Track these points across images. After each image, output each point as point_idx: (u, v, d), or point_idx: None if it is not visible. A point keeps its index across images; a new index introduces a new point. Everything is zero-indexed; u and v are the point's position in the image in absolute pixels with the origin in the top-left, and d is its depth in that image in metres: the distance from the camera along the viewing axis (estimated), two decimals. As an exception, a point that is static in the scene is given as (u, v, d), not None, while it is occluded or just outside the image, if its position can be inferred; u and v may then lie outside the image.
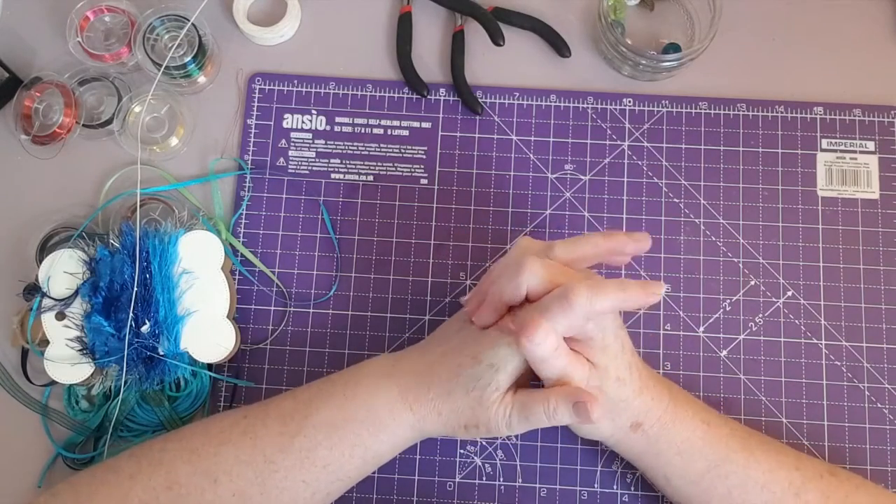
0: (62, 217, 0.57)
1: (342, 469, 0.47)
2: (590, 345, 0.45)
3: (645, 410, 0.47)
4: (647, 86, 0.60)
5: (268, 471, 0.45)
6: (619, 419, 0.47)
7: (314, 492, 0.46)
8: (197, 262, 0.54)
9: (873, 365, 0.55)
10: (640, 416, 0.47)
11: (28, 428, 0.54)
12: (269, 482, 0.45)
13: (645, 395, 0.47)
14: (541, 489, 0.53)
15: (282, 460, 0.46)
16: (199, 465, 0.45)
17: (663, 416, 0.47)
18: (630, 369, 0.46)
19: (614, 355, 0.45)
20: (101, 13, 0.59)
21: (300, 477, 0.46)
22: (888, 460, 0.54)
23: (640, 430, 0.47)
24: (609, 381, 0.45)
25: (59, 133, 0.57)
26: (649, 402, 0.47)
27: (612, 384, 0.45)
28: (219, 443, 0.46)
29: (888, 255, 0.57)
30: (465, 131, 0.59)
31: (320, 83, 0.60)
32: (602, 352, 0.45)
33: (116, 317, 0.52)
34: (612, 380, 0.45)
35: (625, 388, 0.46)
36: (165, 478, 0.45)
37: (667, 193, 0.58)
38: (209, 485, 0.45)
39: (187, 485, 0.45)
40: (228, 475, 0.45)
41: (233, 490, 0.45)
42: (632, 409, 0.46)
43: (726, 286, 0.56)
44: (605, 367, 0.45)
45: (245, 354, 0.56)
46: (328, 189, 0.58)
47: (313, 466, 0.46)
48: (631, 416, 0.47)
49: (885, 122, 0.59)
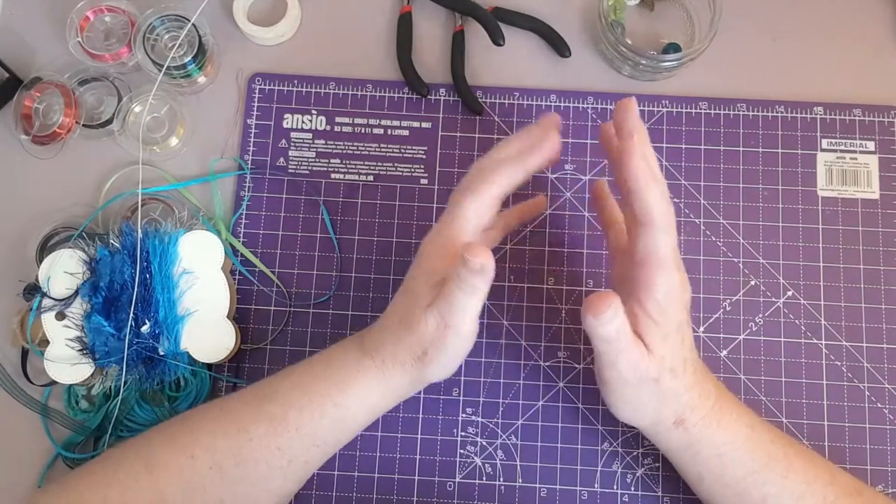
0: (62, 217, 0.57)
1: (315, 432, 0.47)
2: (652, 330, 0.44)
3: (691, 407, 0.46)
4: (647, 86, 0.60)
5: (241, 440, 0.46)
6: (665, 410, 0.46)
7: (290, 459, 0.47)
8: (197, 262, 0.54)
9: (873, 365, 0.55)
10: (686, 412, 0.46)
11: (28, 428, 0.54)
12: (244, 451, 0.46)
13: (694, 391, 0.46)
14: (541, 489, 0.53)
15: (254, 428, 0.46)
16: (177, 445, 0.46)
17: (708, 416, 0.46)
18: (685, 364, 0.45)
19: (673, 346, 0.45)
20: (101, 13, 0.59)
21: (274, 444, 0.46)
22: (888, 460, 0.54)
23: (683, 427, 0.46)
24: (664, 370, 0.45)
25: (59, 133, 0.57)
26: (696, 399, 0.46)
27: (666, 374, 0.45)
28: (196, 421, 0.48)
29: (888, 255, 0.57)
30: (465, 131, 0.59)
31: (320, 83, 0.60)
32: (662, 340, 0.44)
33: (116, 317, 0.52)
34: (667, 370, 0.45)
35: (676, 380, 0.45)
36: (146, 461, 0.46)
37: (667, 193, 0.58)
38: (187, 461, 0.46)
39: (166, 465, 0.46)
40: (204, 448, 0.46)
41: (209, 463, 0.46)
42: (679, 403, 0.46)
43: (726, 286, 0.56)
44: (662, 357, 0.44)
45: (245, 354, 0.56)
46: (328, 189, 0.58)
47: (286, 431, 0.46)
48: (677, 409, 0.46)
49: (885, 122, 0.59)
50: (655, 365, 0.44)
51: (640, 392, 0.45)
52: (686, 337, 0.46)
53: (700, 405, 0.46)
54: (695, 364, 0.47)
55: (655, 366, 0.44)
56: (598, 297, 0.42)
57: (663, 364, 0.44)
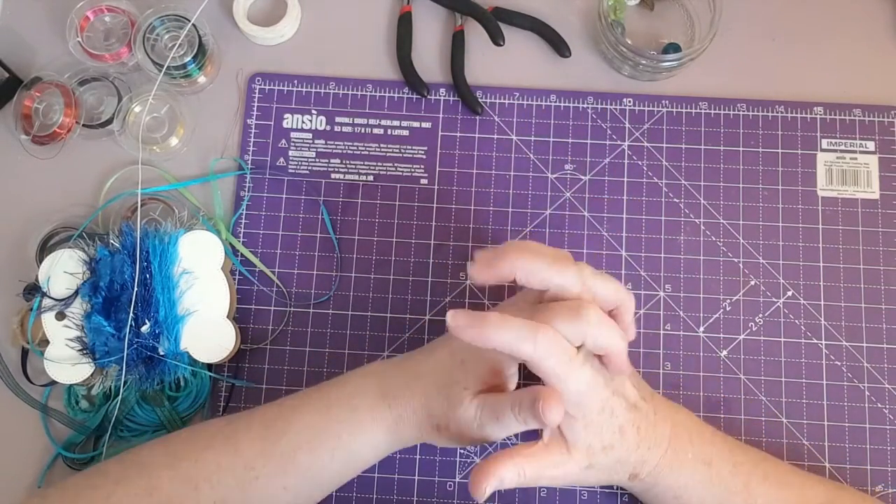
0: (62, 217, 0.57)
1: (323, 474, 0.46)
2: (571, 424, 0.43)
3: (641, 462, 0.46)
4: (647, 86, 0.60)
5: (248, 477, 0.45)
6: (614, 475, 0.46)
7: (295, 495, 0.46)
8: (197, 262, 0.54)
9: (873, 365, 0.55)
10: (637, 467, 0.46)
11: (28, 428, 0.54)
12: (250, 489, 0.45)
13: (642, 448, 0.45)
14: (541, 489, 0.53)
15: (262, 466, 0.45)
16: (181, 471, 0.45)
17: (660, 463, 0.46)
18: (621, 432, 0.44)
19: (599, 428, 0.43)
20: (101, 13, 0.59)
21: (281, 483, 0.45)
22: (888, 460, 0.54)
23: (639, 479, 0.46)
24: (594, 454, 0.44)
25: (59, 133, 0.57)
26: (645, 453, 0.45)
27: (598, 456, 0.44)
28: (202, 448, 0.46)
29: (888, 255, 0.57)
30: (465, 131, 0.59)
31: (320, 83, 0.60)
32: (584, 429, 0.43)
33: (116, 317, 0.52)
34: (598, 452, 0.44)
35: (614, 452, 0.44)
36: (147, 483, 0.45)
37: (667, 193, 0.58)
38: (191, 492, 0.45)
39: (168, 491, 0.45)
40: (209, 482, 0.45)
41: (214, 498, 0.45)
42: (627, 464, 0.45)
43: (726, 286, 0.56)
44: (588, 445, 0.43)
45: (245, 354, 0.56)
46: (328, 189, 0.58)
47: (295, 472, 0.45)
48: (627, 469, 0.46)
49: (885, 122, 0.59)
50: (582, 457, 0.44)
51: (583, 478, 0.45)
52: (617, 406, 0.44)
53: (649, 458, 0.46)
54: (641, 421, 0.45)
55: (582, 458, 0.44)
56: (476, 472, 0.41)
57: (591, 451, 0.44)
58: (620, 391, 0.45)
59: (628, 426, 0.44)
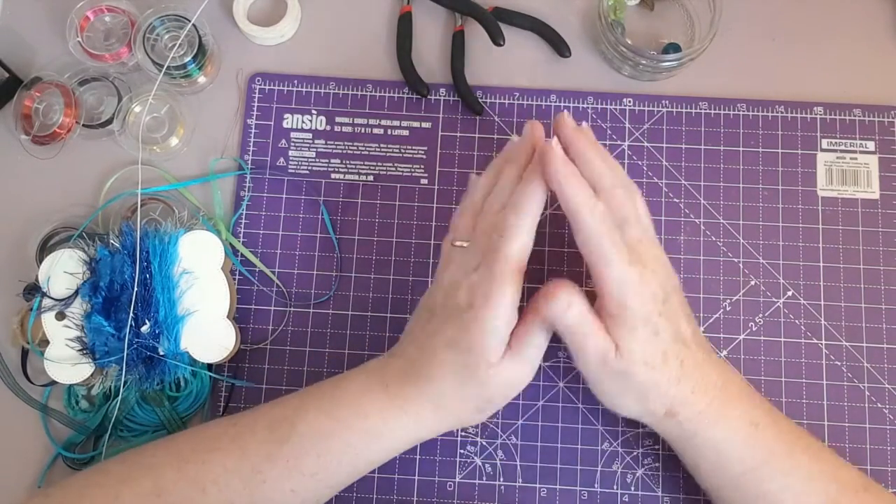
0: (62, 217, 0.57)
1: (331, 477, 0.46)
2: (616, 324, 0.44)
3: (681, 401, 0.45)
4: (647, 86, 0.60)
5: (255, 481, 0.45)
6: (649, 403, 0.45)
7: (303, 500, 0.46)
8: (197, 262, 0.54)
9: (873, 365, 0.55)
10: (676, 406, 0.45)
11: (28, 428, 0.54)
12: (257, 492, 0.45)
13: (684, 385, 0.45)
14: (541, 489, 0.53)
15: (269, 469, 0.45)
16: (188, 473, 0.45)
17: (705, 411, 0.45)
18: (665, 356, 0.44)
19: (644, 340, 0.44)
20: (101, 13, 0.59)
21: (288, 486, 0.45)
22: (888, 460, 0.54)
23: (675, 420, 0.46)
24: (634, 364, 0.44)
25: (59, 133, 0.57)
26: (688, 394, 0.45)
27: (639, 368, 0.44)
28: (208, 450, 0.46)
29: (888, 255, 0.57)
30: (465, 131, 0.59)
31: (320, 83, 0.60)
32: (630, 333, 0.44)
33: (116, 317, 0.52)
34: (638, 364, 0.44)
35: (654, 373, 0.44)
36: (154, 484, 0.45)
37: (667, 193, 0.58)
38: (198, 494, 0.45)
39: (175, 492, 0.45)
40: (216, 485, 0.45)
41: (221, 500, 0.45)
42: (666, 396, 0.45)
43: (726, 286, 0.56)
44: (631, 351, 0.44)
45: (245, 354, 0.56)
46: (328, 189, 0.58)
47: (301, 475, 0.45)
48: (664, 402, 0.45)
49: (885, 122, 0.59)
50: (624, 359, 0.44)
51: (613, 384, 0.45)
52: (662, 328, 0.44)
53: (694, 401, 0.45)
54: (686, 358, 0.45)
55: (624, 360, 0.44)
56: (555, 284, 0.43)
57: (633, 358, 0.44)
58: (671, 318, 0.45)
59: (672, 356, 0.44)
